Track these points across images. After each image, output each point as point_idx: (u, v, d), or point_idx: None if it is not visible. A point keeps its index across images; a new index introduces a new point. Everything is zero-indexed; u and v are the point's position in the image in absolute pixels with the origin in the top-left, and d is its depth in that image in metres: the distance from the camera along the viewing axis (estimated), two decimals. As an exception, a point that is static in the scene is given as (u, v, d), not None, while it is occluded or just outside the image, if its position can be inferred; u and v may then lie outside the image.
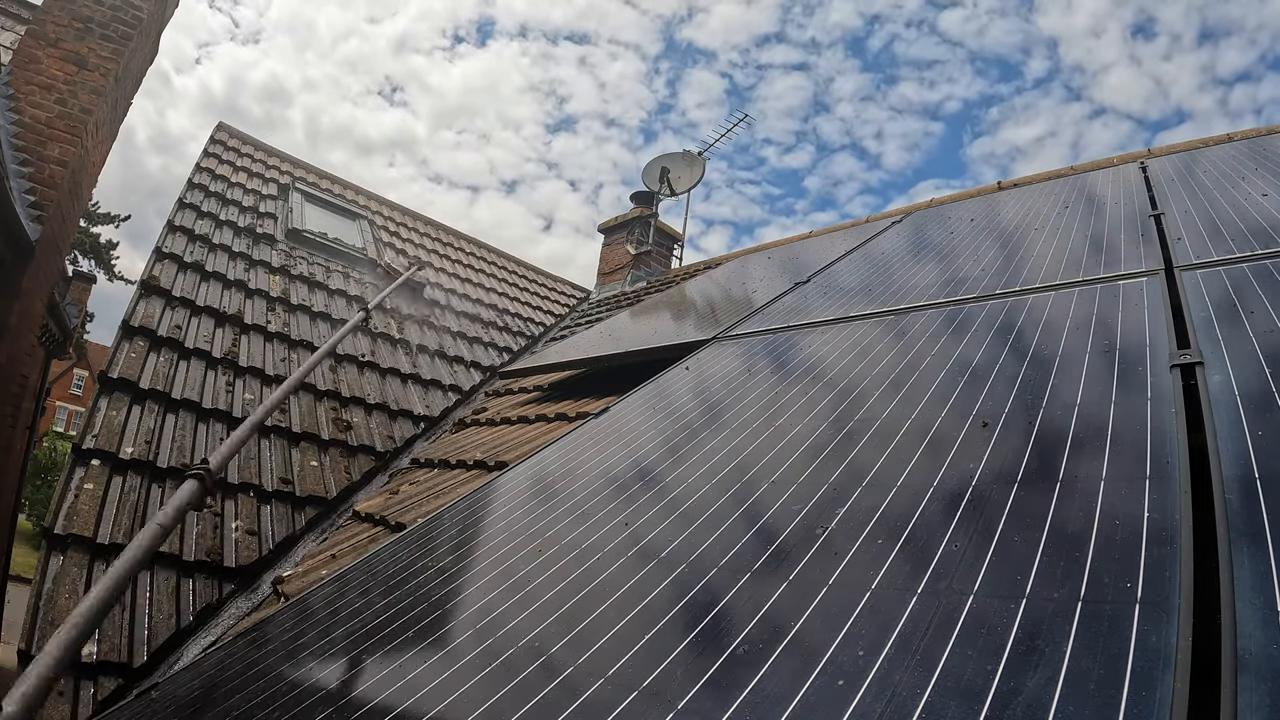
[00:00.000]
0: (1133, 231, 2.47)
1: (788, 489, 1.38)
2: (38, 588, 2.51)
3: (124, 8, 5.89)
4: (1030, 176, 5.06)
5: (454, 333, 6.17)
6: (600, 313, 7.26)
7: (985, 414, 1.37)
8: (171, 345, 3.91)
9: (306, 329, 4.84)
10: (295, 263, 5.58)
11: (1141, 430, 1.12)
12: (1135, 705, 0.62)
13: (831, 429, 1.60)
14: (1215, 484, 0.92)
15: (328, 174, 7.74)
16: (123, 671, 2.39)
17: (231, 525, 3.13)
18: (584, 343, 4.49)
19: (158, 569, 2.78)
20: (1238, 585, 0.73)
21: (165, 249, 4.68)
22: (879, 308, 2.51)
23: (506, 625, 1.25)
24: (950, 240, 3.40)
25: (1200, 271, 1.84)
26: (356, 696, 1.20)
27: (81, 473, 2.97)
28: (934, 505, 1.12)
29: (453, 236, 8.50)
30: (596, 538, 1.49)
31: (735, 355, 2.62)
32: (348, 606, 1.68)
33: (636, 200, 8.81)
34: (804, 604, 0.99)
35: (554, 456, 2.28)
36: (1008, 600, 0.83)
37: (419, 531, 2.07)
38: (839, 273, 3.53)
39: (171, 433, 3.40)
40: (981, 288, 2.33)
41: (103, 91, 5.70)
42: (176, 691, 1.69)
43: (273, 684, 1.40)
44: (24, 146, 5.27)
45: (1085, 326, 1.68)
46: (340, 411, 4.27)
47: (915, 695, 0.74)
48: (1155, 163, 3.76)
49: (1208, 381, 1.20)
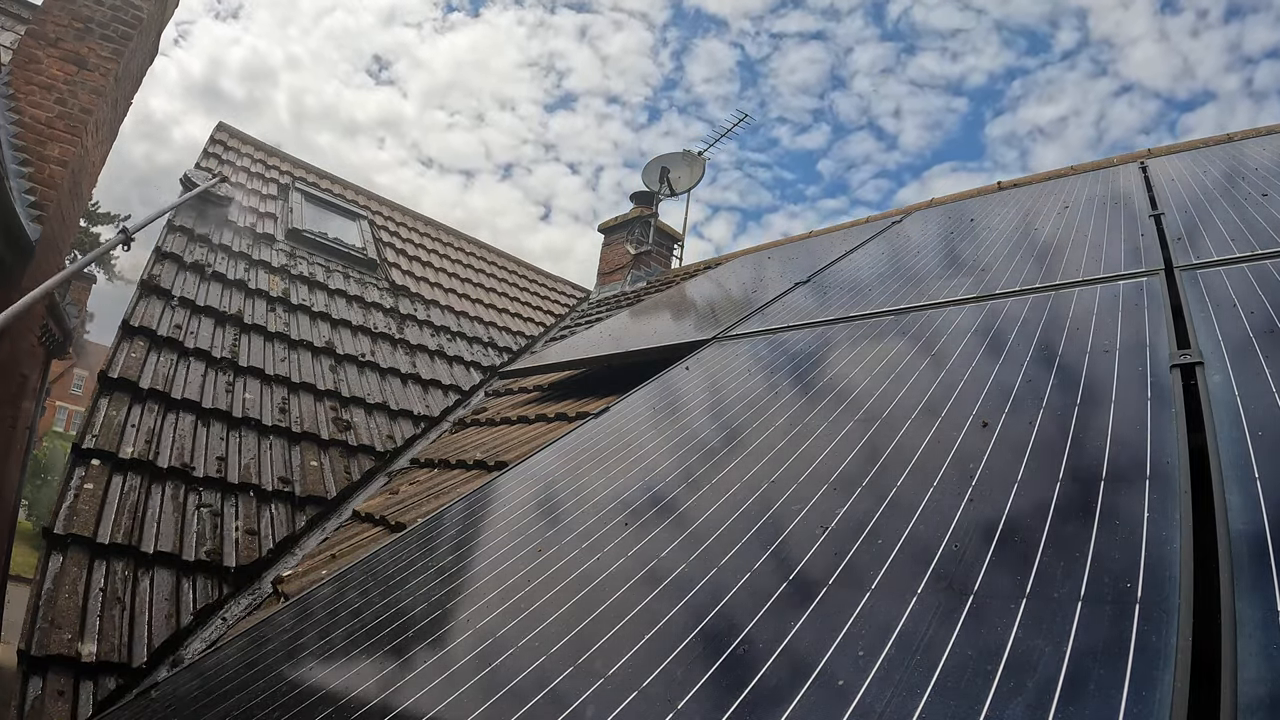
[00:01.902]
0: (1133, 232, 2.47)
1: (788, 488, 1.38)
2: (38, 587, 2.51)
3: (124, 8, 5.89)
4: (1030, 176, 5.06)
5: (454, 332, 6.17)
6: (600, 313, 7.26)
7: (985, 413, 1.37)
8: (171, 345, 3.91)
9: (307, 329, 4.84)
10: (295, 263, 5.58)
11: (1141, 430, 1.12)
12: (1135, 705, 0.63)
13: (831, 427, 1.60)
14: (1215, 484, 0.92)
15: (327, 174, 7.76)
16: (122, 671, 2.40)
17: (231, 525, 3.13)
18: (584, 343, 4.49)
19: (157, 569, 2.78)
20: (1238, 585, 0.73)
21: (165, 249, 4.68)
22: (879, 308, 2.51)
23: (506, 625, 1.25)
24: (951, 240, 3.40)
25: (1200, 271, 1.84)
26: (356, 696, 1.20)
27: (81, 472, 2.97)
28: (940, 500, 1.12)
29: (453, 236, 8.53)
30: (596, 536, 1.49)
31: (735, 355, 2.62)
32: (348, 607, 1.69)
33: (636, 200, 8.84)
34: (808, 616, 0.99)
35: (553, 456, 2.28)
36: (1008, 600, 0.83)
37: (419, 531, 2.07)
38: (840, 272, 3.53)
39: (172, 433, 3.40)
40: (981, 288, 2.33)
41: (103, 91, 5.70)
42: (176, 691, 1.69)
43: (273, 684, 1.40)
44: (24, 146, 5.28)
45: (1085, 326, 1.68)
46: (340, 411, 4.27)
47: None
48: (1155, 163, 3.76)
49: (1208, 381, 1.20)
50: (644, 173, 8.95)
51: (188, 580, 2.81)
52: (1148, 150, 4.48)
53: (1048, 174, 4.92)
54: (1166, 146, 4.45)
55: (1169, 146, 4.43)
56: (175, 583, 2.77)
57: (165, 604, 2.67)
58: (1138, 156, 4.36)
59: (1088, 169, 4.56)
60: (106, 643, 2.42)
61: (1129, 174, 3.61)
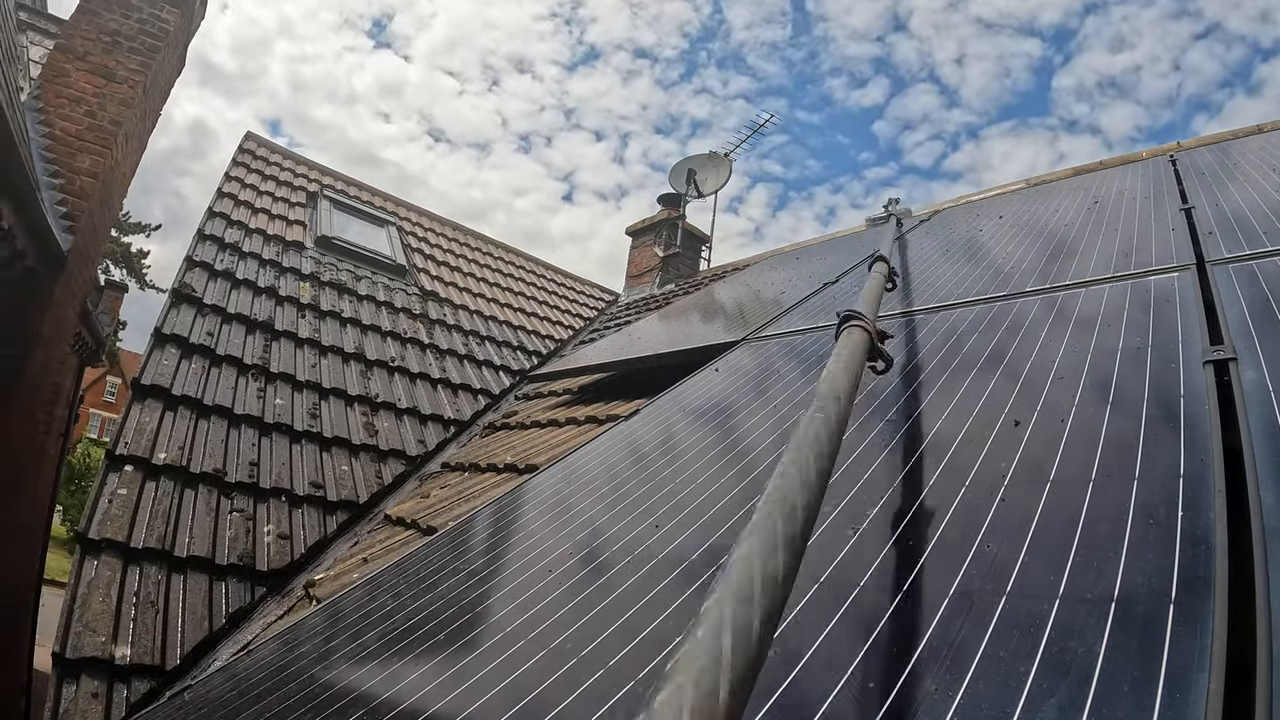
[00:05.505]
0: (1163, 226, 2.43)
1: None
2: (72, 591, 2.56)
3: (150, 21, 5.99)
4: (1058, 173, 5.03)
5: (483, 336, 6.21)
6: (629, 315, 7.28)
7: (1016, 413, 1.36)
8: (203, 352, 3.97)
9: (336, 335, 4.90)
10: (324, 269, 5.65)
11: (1175, 428, 1.11)
12: (1169, 707, 0.62)
13: (858, 433, 1.60)
14: (1250, 482, 0.90)
15: (355, 181, 7.87)
16: (156, 674, 2.44)
17: (264, 529, 3.17)
18: (612, 346, 4.50)
19: (190, 572, 2.82)
20: (1272, 584, 0.72)
21: (196, 257, 4.76)
22: (908, 307, 2.50)
23: (539, 627, 1.25)
24: (979, 239, 3.38)
25: (1232, 266, 1.81)
26: (389, 698, 1.21)
27: (115, 478, 3.02)
28: (972, 498, 1.11)
29: (480, 241, 8.61)
30: (630, 537, 1.50)
31: (764, 356, 2.62)
32: (380, 609, 1.70)
33: (664, 202, 8.89)
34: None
35: (585, 459, 2.29)
36: (1040, 600, 0.83)
37: (450, 535, 2.09)
38: (867, 273, 3.51)
39: (204, 438, 3.45)
40: (1011, 285, 2.31)
41: (131, 103, 5.80)
42: (209, 694, 1.71)
43: (305, 686, 1.42)
44: (55, 159, 5.38)
45: (1116, 323, 1.66)
46: (371, 416, 4.31)
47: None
48: (1185, 156, 3.71)
49: (1241, 378, 1.19)
50: (671, 175, 9.02)
51: (220, 584, 2.86)
52: (1177, 144, 4.43)
53: (1074, 170, 4.87)
54: (1196, 139, 4.39)
55: (1199, 139, 4.37)
56: (208, 587, 2.81)
57: (198, 607, 2.71)
58: (1167, 150, 4.30)
59: (1116, 164, 4.51)
60: (140, 645, 2.46)
61: (1158, 167, 3.56)
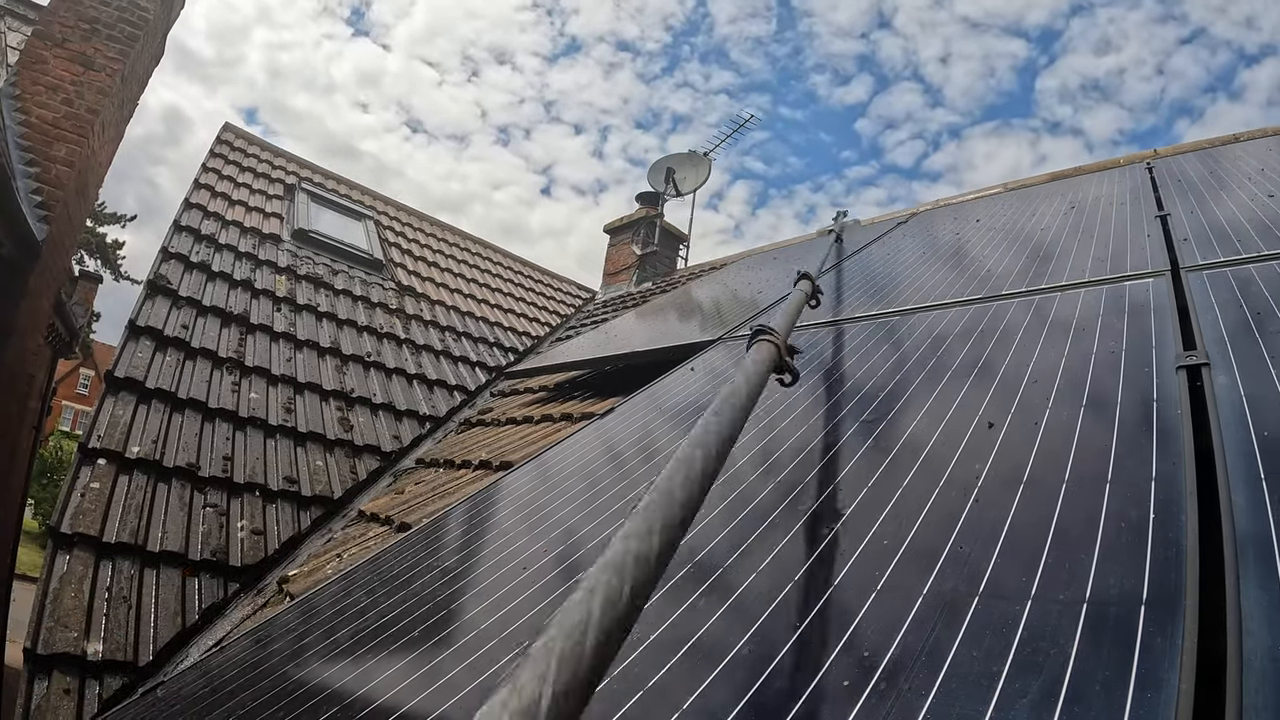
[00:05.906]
0: (1139, 232, 2.46)
1: (790, 486, 1.38)
2: (43, 586, 2.53)
3: (130, 9, 5.91)
4: (1036, 177, 5.07)
5: (460, 332, 6.18)
6: (606, 313, 7.27)
7: (991, 415, 1.37)
8: (178, 345, 3.93)
9: (312, 329, 4.86)
10: (301, 263, 5.60)
11: (1148, 432, 1.12)
12: (1140, 706, 0.62)
13: (833, 431, 1.60)
14: (1221, 485, 0.91)
15: (333, 174, 7.80)
16: (128, 670, 2.41)
17: (237, 524, 3.14)
18: (589, 343, 4.49)
19: (163, 568, 2.79)
20: (1243, 586, 0.73)
21: (171, 249, 4.70)
22: (885, 308, 2.51)
23: (512, 625, 1.25)
24: (957, 242, 3.40)
25: (1207, 272, 1.83)
26: (362, 696, 1.20)
27: (88, 472, 2.98)
28: (946, 500, 1.12)
29: (458, 237, 8.57)
30: (604, 535, 1.49)
31: (739, 356, 2.62)
32: (353, 606, 1.69)
33: (642, 201, 8.88)
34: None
35: (559, 457, 2.28)
36: (1013, 601, 0.83)
37: (424, 531, 2.07)
38: (845, 272, 3.53)
39: (178, 432, 3.41)
40: (987, 289, 2.33)
41: (109, 92, 5.72)
42: (182, 690, 1.69)
43: (278, 683, 1.40)
44: (31, 146, 5.30)
45: (1091, 328, 1.68)
46: (346, 411, 4.28)
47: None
48: (1161, 163, 3.76)
49: (1214, 383, 1.20)
50: (650, 173, 9.00)
51: (193, 579, 2.82)
52: (1154, 151, 4.48)
53: (1052, 175, 4.92)
54: (1173, 147, 4.45)
55: (1175, 147, 4.43)
56: (181, 582, 2.78)
57: (171, 603, 2.68)
58: (1144, 157, 4.35)
59: (1093, 169, 4.56)
60: (112, 641, 2.43)
61: (1135, 174, 3.61)
